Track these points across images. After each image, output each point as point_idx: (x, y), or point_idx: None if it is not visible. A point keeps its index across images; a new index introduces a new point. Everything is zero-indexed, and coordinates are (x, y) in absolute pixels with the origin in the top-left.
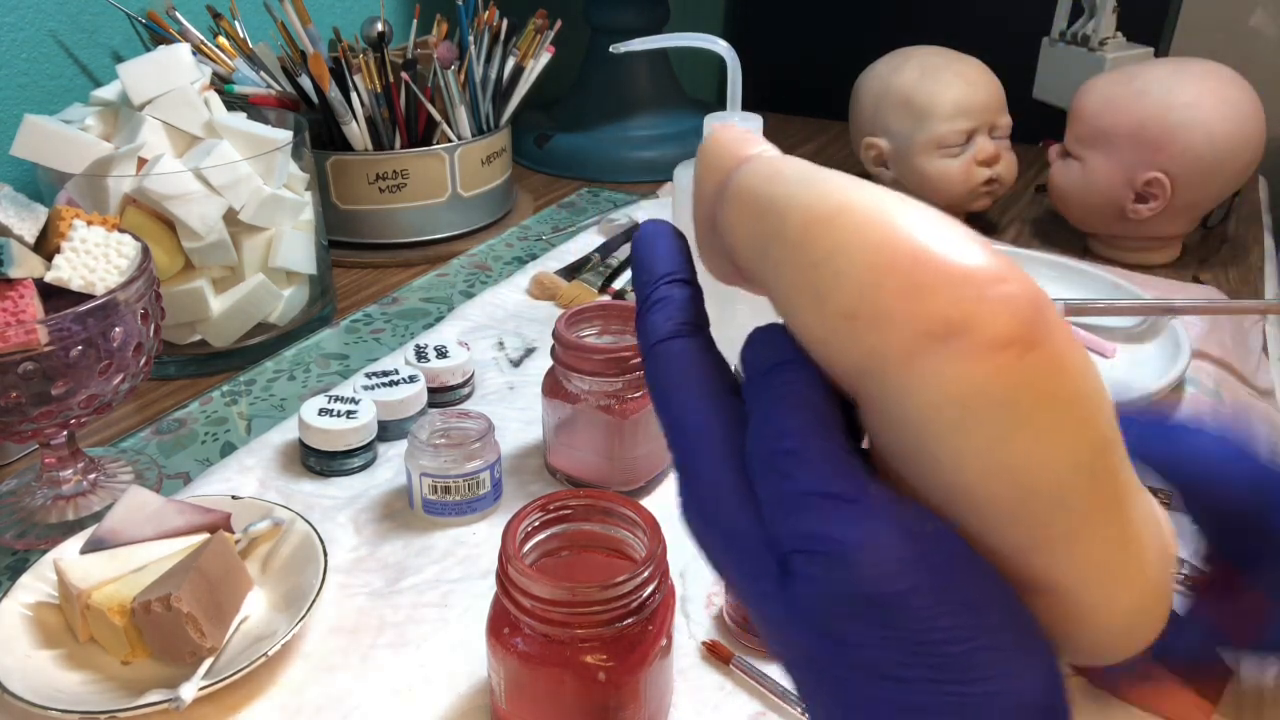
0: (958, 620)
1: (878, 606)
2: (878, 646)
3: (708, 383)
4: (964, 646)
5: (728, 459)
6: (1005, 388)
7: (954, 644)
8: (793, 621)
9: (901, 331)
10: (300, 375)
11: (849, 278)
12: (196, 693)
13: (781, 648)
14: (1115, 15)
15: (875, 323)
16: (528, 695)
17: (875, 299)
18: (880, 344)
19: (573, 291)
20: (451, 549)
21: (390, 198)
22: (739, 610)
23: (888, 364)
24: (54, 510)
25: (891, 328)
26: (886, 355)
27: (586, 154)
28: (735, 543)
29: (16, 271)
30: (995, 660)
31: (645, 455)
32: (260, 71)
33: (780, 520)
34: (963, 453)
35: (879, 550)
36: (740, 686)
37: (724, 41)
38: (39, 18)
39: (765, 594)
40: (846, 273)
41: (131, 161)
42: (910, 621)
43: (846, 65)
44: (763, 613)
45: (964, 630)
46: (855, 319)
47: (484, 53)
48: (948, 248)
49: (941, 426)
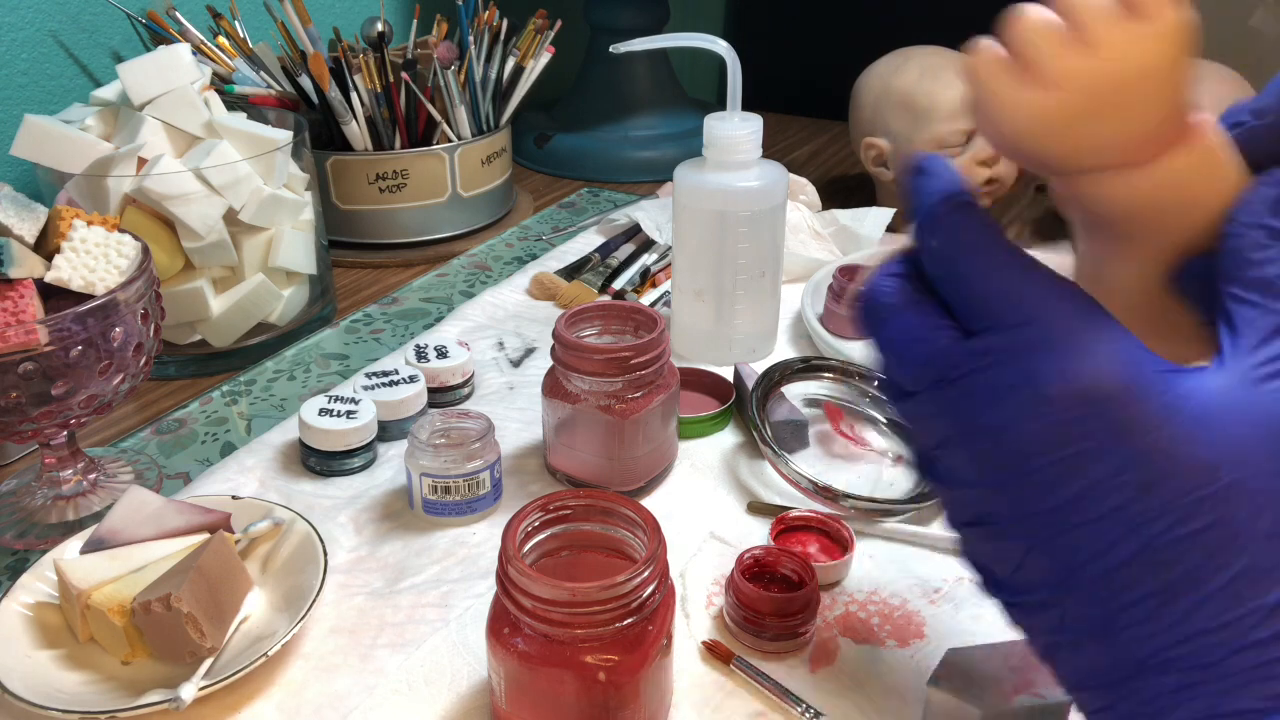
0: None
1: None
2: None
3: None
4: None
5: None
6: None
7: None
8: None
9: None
10: (300, 375)
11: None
12: (196, 693)
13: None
14: None
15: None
16: (528, 695)
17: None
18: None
19: (573, 291)
20: (451, 549)
21: (390, 198)
22: (739, 610)
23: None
24: (54, 510)
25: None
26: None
27: (586, 154)
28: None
29: (16, 271)
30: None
31: (645, 455)
32: (260, 71)
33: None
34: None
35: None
36: (740, 686)
37: (724, 41)
38: (39, 18)
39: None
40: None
41: (131, 161)
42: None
43: (846, 65)
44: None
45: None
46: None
47: (484, 53)
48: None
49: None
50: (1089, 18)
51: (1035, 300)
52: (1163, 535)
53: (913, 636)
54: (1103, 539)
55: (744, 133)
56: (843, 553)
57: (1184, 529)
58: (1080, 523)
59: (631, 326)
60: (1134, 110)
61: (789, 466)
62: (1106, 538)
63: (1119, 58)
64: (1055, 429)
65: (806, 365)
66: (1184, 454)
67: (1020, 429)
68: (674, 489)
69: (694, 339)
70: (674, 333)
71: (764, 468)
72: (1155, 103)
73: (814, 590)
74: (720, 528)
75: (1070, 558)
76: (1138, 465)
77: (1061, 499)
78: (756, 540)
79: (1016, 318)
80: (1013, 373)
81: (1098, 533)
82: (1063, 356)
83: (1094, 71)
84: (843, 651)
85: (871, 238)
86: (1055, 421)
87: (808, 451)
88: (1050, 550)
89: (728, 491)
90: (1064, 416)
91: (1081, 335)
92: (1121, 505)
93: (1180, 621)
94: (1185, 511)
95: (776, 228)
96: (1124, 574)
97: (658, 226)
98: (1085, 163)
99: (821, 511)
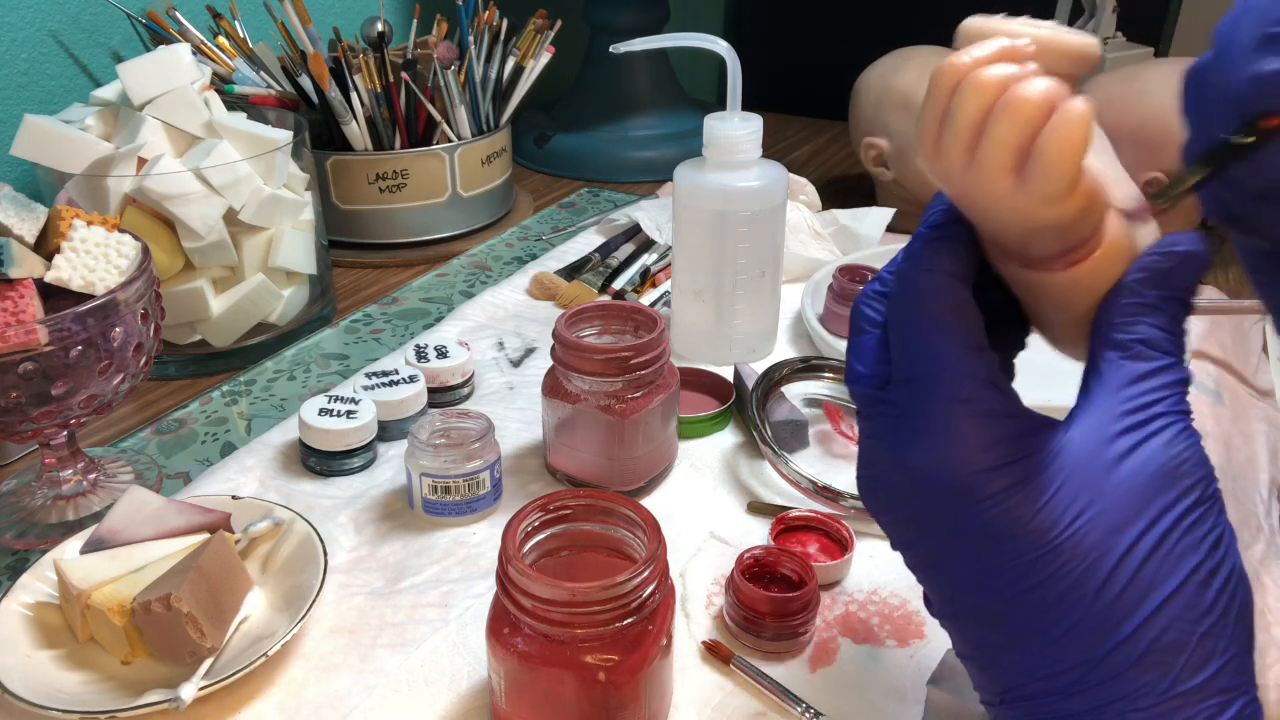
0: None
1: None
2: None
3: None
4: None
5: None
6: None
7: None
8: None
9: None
10: (300, 375)
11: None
12: (196, 693)
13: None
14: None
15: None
16: (528, 695)
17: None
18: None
19: (573, 291)
20: (451, 549)
21: (390, 198)
22: (739, 610)
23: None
24: (54, 510)
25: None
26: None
27: (586, 154)
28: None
29: (16, 271)
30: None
31: (645, 455)
32: (260, 71)
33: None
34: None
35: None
36: (740, 686)
37: (724, 41)
38: (39, 18)
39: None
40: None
41: (131, 161)
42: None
43: (846, 65)
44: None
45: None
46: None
47: (484, 53)
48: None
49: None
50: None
51: (933, 364)
52: (1002, 592)
53: (913, 636)
54: (959, 586)
55: (744, 133)
56: (843, 553)
57: (1020, 586)
58: (940, 569)
59: (631, 326)
60: (1044, 243)
61: (789, 466)
62: (961, 586)
63: (1022, 215)
64: (910, 487)
65: (806, 365)
66: (1016, 519)
67: (888, 479)
68: (674, 489)
69: (694, 339)
70: (674, 333)
71: (764, 468)
72: (1059, 241)
73: (814, 590)
74: (720, 528)
75: (943, 593)
76: (975, 529)
77: (921, 547)
78: (756, 540)
79: (910, 374)
80: (888, 426)
81: (954, 580)
82: (928, 422)
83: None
84: (843, 651)
85: (871, 238)
86: (910, 480)
87: (808, 451)
88: (931, 583)
89: (728, 491)
90: (917, 477)
91: (951, 407)
92: (965, 563)
93: (1026, 667)
94: (1019, 572)
95: (776, 228)
96: (981, 617)
97: (658, 226)
98: (1010, 258)
99: (821, 511)
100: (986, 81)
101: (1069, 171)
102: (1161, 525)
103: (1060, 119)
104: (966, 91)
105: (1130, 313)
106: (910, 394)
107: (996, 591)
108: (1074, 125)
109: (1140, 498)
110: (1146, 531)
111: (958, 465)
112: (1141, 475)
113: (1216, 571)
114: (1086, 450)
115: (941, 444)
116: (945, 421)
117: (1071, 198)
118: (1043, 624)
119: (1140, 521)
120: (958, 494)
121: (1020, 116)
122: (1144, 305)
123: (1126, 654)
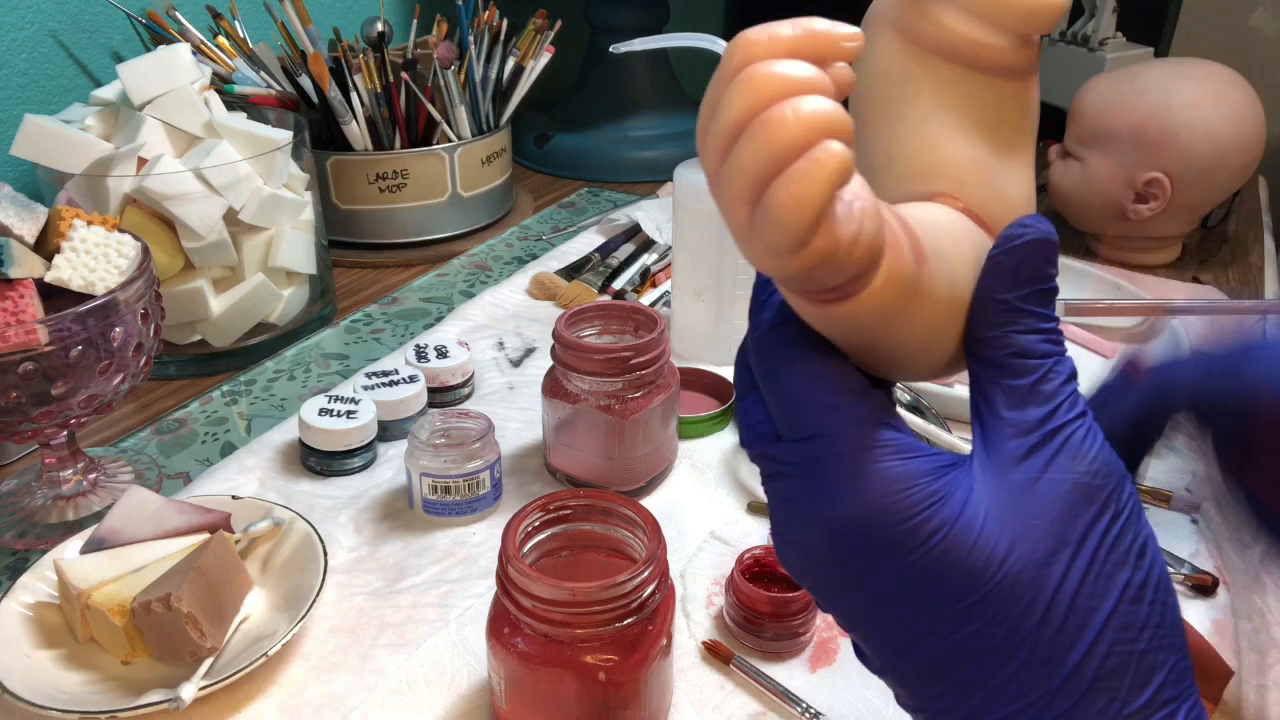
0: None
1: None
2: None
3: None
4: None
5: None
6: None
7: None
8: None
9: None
10: (300, 375)
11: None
12: (196, 693)
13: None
14: (1115, 15)
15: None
16: (528, 695)
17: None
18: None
19: (573, 291)
20: (451, 549)
21: (390, 198)
22: (739, 610)
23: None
24: (54, 510)
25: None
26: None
27: (586, 154)
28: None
29: (16, 271)
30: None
31: (645, 455)
32: (260, 71)
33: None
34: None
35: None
36: (740, 686)
37: (724, 41)
38: (39, 18)
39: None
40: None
41: (131, 161)
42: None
43: None
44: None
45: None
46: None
47: (484, 53)
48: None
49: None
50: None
51: (823, 417)
52: (944, 641)
53: None
54: (895, 641)
55: None
56: None
57: (962, 634)
58: (877, 623)
59: (631, 326)
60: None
61: None
62: (896, 642)
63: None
64: (832, 545)
65: None
66: (950, 564)
67: (806, 540)
68: (674, 489)
69: (694, 339)
70: (674, 333)
71: None
72: (803, 284)
73: None
74: (720, 528)
75: (884, 649)
76: (909, 580)
77: (851, 605)
78: (756, 540)
79: (803, 432)
80: (797, 487)
81: (891, 635)
82: (838, 477)
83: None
84: (843, 651)
85: None
86: (831, 538)
87: None
88: (870, 640)
89: (728, 491)
90: (838, 533)
91: (857, 456)
92: (901, 616)
93: (979, 713)
94: (958, 620)
95: None
96: (924, 669)
97: (658, 226)
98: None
99: None
100: (761, 80)
101: (797, 228)
102: (1088, 549)
103: (804, 165)
104: (737, 87)
105: (995, 326)
106: (814, 451)
107: (940, 640)
108: (814, 179)
109: (1061, 524)
110: (1075, 558)
111: (883, 515)
112: (1056, 497)
113: (1146, 583)
114: (997, 481)
115: (861, 494)
116: (859, 471)
117: (798, 256)
118: (991, 668)
119: (1067, 550)
120: (889, 544)
121: (767, 145)
122: (1006, 312)
123: (1078, 683)
